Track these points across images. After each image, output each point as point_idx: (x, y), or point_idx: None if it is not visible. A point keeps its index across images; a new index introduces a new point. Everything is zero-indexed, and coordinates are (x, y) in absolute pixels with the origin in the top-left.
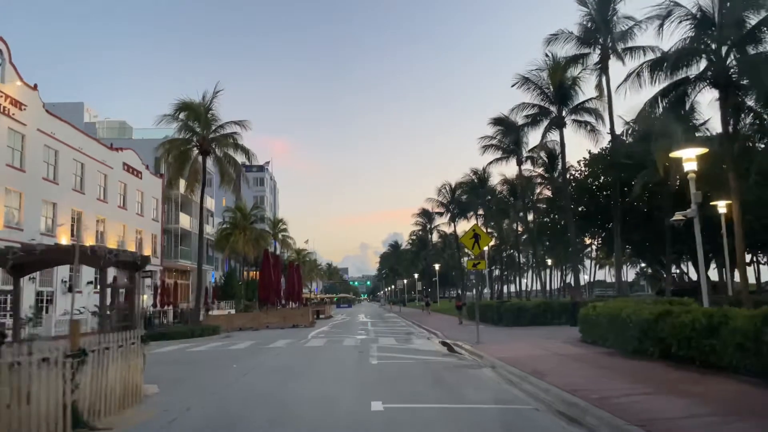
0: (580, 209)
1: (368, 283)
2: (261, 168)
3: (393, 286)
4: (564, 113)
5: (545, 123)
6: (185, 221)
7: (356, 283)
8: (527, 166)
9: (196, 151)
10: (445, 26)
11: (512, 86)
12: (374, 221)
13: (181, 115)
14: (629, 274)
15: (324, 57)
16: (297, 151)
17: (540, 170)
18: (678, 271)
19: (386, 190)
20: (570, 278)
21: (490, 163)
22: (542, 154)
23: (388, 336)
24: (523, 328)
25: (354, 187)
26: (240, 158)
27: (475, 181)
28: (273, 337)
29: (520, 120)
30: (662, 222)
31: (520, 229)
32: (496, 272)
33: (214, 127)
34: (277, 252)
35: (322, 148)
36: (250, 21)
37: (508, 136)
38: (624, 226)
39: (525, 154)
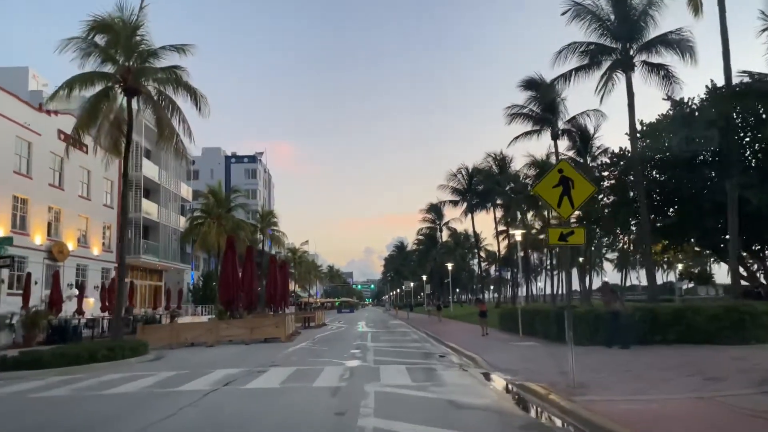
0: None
1: (372, 286)
2: (253, 158)
3: (398, 290)
4: (632, 51)
5: (605, 66)
6: (152, 209)
7: (360, 286)
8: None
9: (118, 91)
10: (455, 30)
11: (562, 14)
12: (379, 225)
13: (98, 39)
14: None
15: (329, 61)
16: (302, 155)
17: (571, 153)
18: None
19: (391, 194)
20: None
21: (518, 137)
22: (566, 129)
23: (394, 361)
24: (605, 348)
25: (358, 191)
26: (184, 103)
27: (494, 168)
28: (214, 361)
29: (573, 64)
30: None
31: (538, 221)
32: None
33: (144, 56)
34: (272, 251)
35: (327, 152)
36: (255, 25)
37: (541, 103)
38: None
39: (561, 126)
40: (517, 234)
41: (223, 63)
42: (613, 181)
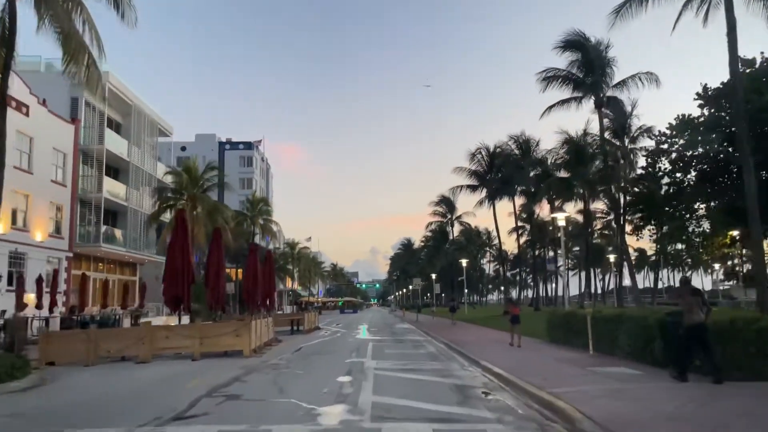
0: (696, 169)
1: (377, 286)
2: (249, 145)
3: (404, 290)
4: None
5: None
6: (119, 191)
7: (365, 285)
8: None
9: None
10: (465, 30)
11: None
12: (384, 226)
13: None
14: (674, 277)
15: (331, 60)
16: (307, 157)
17: (606, 134)
18: None
19: (397, 195)
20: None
21: (552, 107)
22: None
23: (408, 408)
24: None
25: (364, 193)
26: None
27: (515, 151)
28: (103, 400)
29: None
30: None
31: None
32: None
33: None
34: (270, 246)
35: (332, 154)
36: (265, 28)
37: (584, 66)
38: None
39: (608, 93)
40: (560, 218)
41: (226, 64)
42: (674, 154)
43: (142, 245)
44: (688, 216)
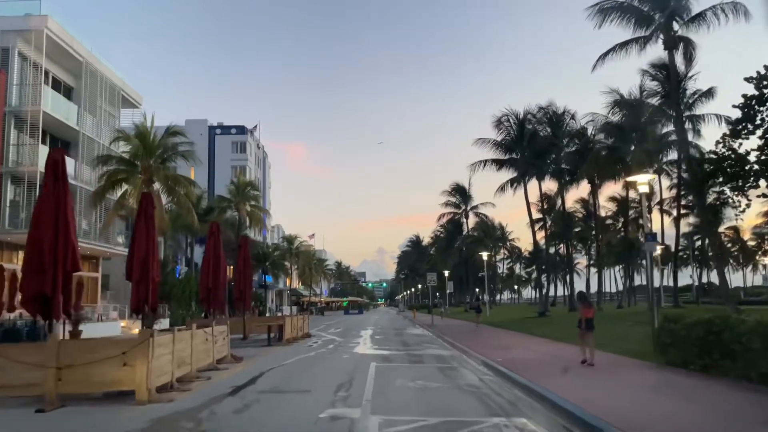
0: None
1: (384, 285)
2: (242, 129)
3: (413, 289)
4: None
5: None
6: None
7: (371, 285)
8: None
9: None
10: (469, 28)
11: None
12: (392, 226)
13: None
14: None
15: (342, 61)
16: (314, 156)
17: (656, 100)
18: None
19: (405, 195)
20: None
21: (608, 53)
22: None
23: None
24: None
25: (372, 192)
26: None
27: (545, 121)
28: None
29: None
30: None
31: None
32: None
33: None
34: (268, 240)
35: (340, 153)
36: (268, 26)
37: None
38: None
39: (679, 32)
40: (641, 182)
41: (230, 63)
42: None
43: (105, 236)
44: None
